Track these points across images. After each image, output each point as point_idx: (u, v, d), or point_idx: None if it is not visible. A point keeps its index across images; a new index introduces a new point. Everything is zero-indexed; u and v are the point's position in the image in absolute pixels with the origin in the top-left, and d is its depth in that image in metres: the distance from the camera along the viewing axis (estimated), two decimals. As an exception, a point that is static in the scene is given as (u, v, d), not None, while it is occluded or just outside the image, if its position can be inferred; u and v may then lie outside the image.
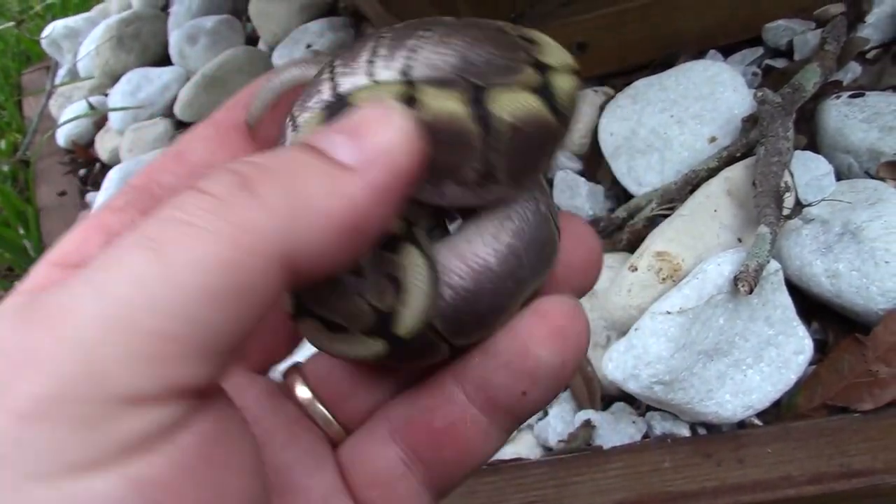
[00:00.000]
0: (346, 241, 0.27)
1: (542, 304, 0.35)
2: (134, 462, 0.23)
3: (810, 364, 0.89)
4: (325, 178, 0.27)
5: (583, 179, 1.15)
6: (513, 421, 0.37)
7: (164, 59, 2.09)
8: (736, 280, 0.82)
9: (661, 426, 0.91)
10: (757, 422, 0.89)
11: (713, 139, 1.06)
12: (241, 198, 0.25)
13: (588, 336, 0.35)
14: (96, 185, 1.88)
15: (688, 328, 0.84)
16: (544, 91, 0.31)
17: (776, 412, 0.89)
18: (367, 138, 0.28)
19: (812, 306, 0.92)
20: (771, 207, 0.89)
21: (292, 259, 0.26)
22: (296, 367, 0.41)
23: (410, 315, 0.33)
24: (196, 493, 0.25)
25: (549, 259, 0.36)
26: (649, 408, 0.93)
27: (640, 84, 1.16)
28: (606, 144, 1.14)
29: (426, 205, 0.34)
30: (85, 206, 1.84)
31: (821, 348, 0.91)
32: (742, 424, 0.89)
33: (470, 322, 0.35)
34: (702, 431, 0.90)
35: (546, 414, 0.98)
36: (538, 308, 0.35)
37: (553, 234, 0.36)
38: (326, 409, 0.40)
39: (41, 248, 1.81)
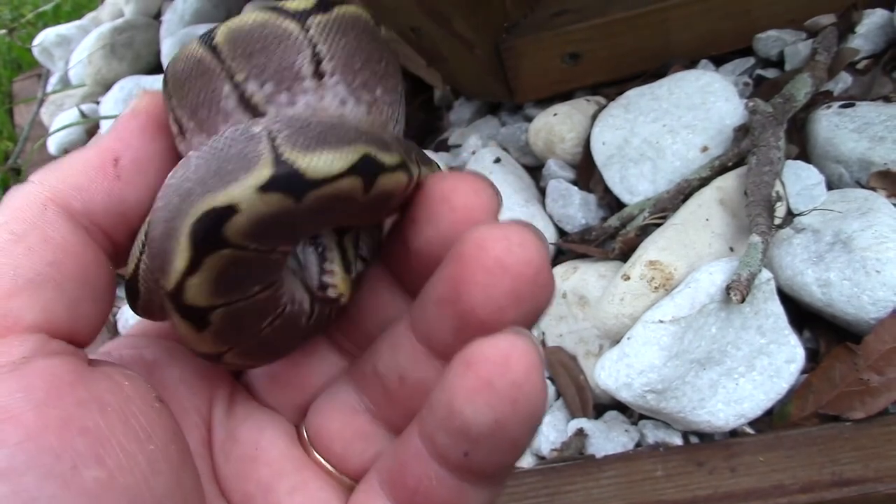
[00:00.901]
0: None
1: (472, 349, 0.30)
2: None
3: (802, 373, 0.89)
4: None
5: (575, 188, 1.15)
6: (478, 479, 0.33)
7: (156, 68, 2.09)
8: (728, 289, 0.83)
9: (653, 435, 0.91)
10: (749, 430, 0.89)
11: (705, 149, 1.07)
12: None
13: (539, 385, 0.30)
14: (88, 194, 1.88)
15: (680, 337, 0.85)
16: None
17: (768, 421, 0.89)
18: None
19: (803, 315, 0.93)
20: (763, 216, 0.89)
21: None
22: (305, 416, 0.41)
23: None
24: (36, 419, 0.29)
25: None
26: (642, 416, 0.93)
27: (633, 93, 1.17)
28: (599, 153, 1.14)
29: None
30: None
31: (812, 357, 0.91)
32: (734, 433, 0.89)
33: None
34: (694, 440, 0.91)
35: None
36: (465, 356, 0.30)
37: None
38: (329, 460, 0.40)
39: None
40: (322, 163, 0.32)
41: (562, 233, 1.15)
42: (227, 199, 0.31)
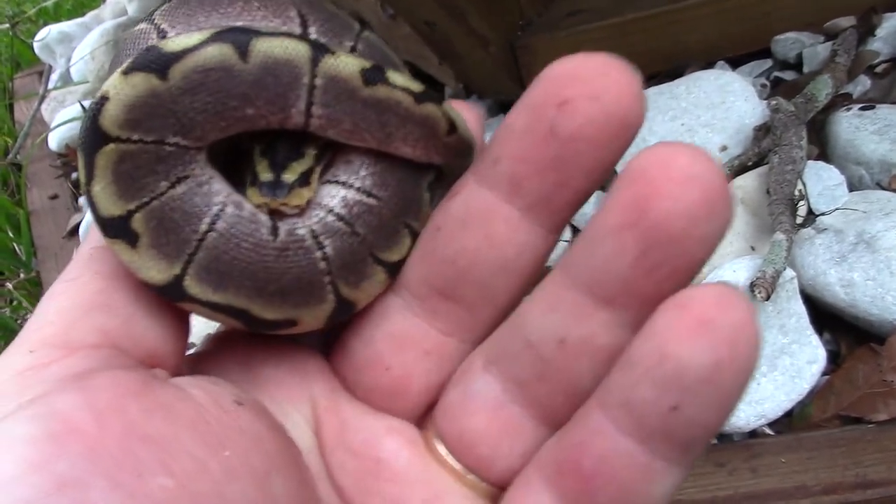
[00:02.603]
0: None
1: (684, 293, 0.28)
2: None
3: (822, 374, 0.88)
4: None
5: (592, 187, 1.14)
6: (675, 448, 0.29)
7: (160, 65, 2.07)
8: (752, 286, 0.81)
9: (672, 435, 0.90)
10: (768, 431, 0.88)
11: (724, 148, 1.06)
12: None
13: (756, 333, 0.28)
14: (89, 189, 1.86)
15: (703, 334, 0.83)
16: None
17: (787, 422, 0.88)
18: None
19: (823, 316, 0.92)
20: (786, 215, 0.88)
21: None
22: (430, 419, 0.38)
23: None
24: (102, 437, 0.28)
25: None
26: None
27: (651, 92, 1.16)
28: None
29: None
30: (77, 209, 1.82)
31: (832, 359, 0.90)
32: (754, 434, 0.88)
33: None
34: (713, 440, 0.89)
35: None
36: (678, 300, 0.28)
37: None
38: (471, 465, 0.36)
39: (32, 251, 1.78)
40: (182, 37, 0.33)
41: (577, 231, 1.14)
42: (100, 91, 0.32)
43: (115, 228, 0.33)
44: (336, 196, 0.37)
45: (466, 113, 0.38)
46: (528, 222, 0.34)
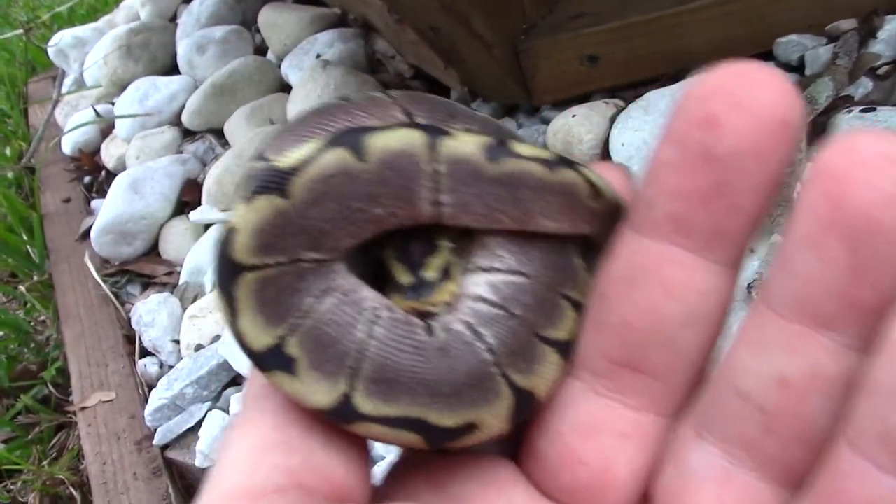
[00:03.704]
0: None
1: None
2: None
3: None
4: None
5: (593, 190, 1.15)
6: None
7: (171, 70, 2.10)
8: (750, 288, 0.82)
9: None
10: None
11: (725, 150, 1.06)
12: None
13: None
14: (101, 193, 1.89)
15: (700, 335, 0.84)
16: None
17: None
18: None
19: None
20: (784, 217, 0.89)
21: None
22: None
23: None
24: None
25: None
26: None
27: (653, 95, 1.16)
28: (618, 155, 1.14)
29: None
30: (90, 212, 1.84)
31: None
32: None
33: None
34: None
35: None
36: None
37: None
38: None
39: (45, 254, 1.80)
40: (294, 150, 0.31)
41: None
42: (227, 224, 0.31)
43: (270, 360, 0.32)
44: (481, 283, 0.34)
45: (609, 172, 0.35)
46: (705, 262, 0.30)
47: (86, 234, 1.73)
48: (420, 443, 0.33)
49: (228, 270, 0.31)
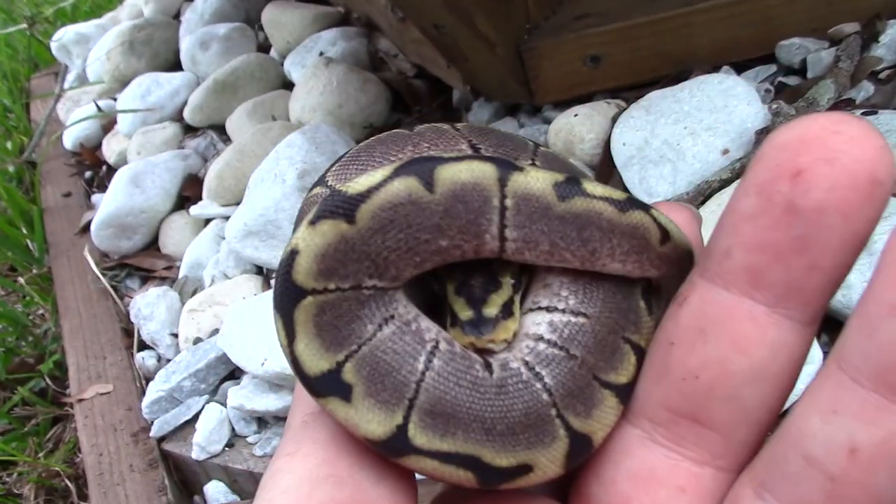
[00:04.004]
0: None
1: None
2: None
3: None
4: None
5: (594, 189, 1.15)
6: None
7: (174, 66, 2.10)
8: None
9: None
10: (765, 432, 0.88)
11: (726, 151, 1.06)
12: None
13: None
14: (102, 187, 1.89)
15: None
16: None
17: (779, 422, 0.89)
18: None
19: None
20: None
21: None
22: None
23: None
24: None
25: None
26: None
27: (654, 95, 1.17)
28: (619, 154, 1.14)
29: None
30: (90, 207, 1.84)
31: (830, 361, 0.90)
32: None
33: None
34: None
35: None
36: None
37: None
38: None
39: (44, 248, 1.80)
40: (364, 177, 0.31)
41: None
42: (289, 247, 0.31)
43: (326, 385, 0.31)
44: (541, 322, 0.34)
45: (677, 215, 0.34)
46: (779, 317, 0.29)
47: (86, 228, 1.73)
48: (472, 481, 0.32)
49: (289, 293, 0.31)
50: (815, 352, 0.87)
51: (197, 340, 1.27)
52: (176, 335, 1.34)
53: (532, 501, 0.34)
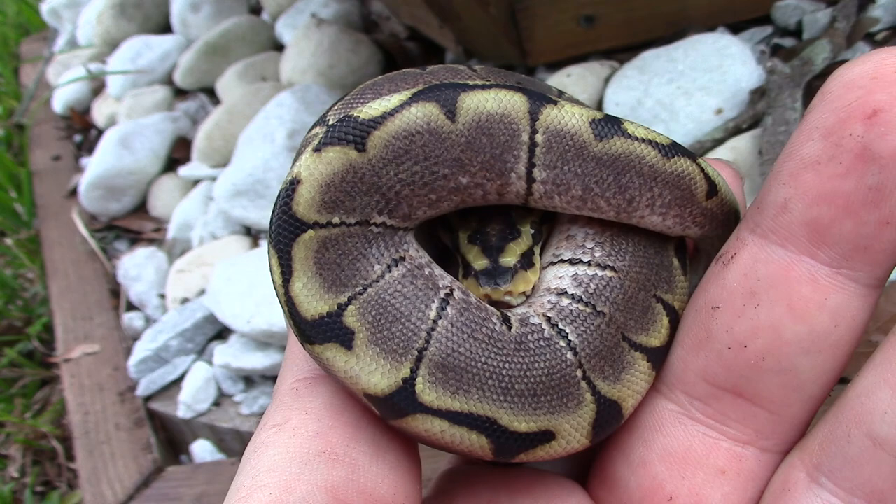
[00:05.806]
0: None
1: None
2: None
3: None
4: None
5: (586, 150, 1.14)
6: None
7: (165, 29, 2.08)
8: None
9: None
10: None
11: (720, 111, 1.05)
12: None
13: None
14: (91, 151, 1.87)
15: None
16: None
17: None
18: None
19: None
20: None
21: None
22: None
23: None
24: None
25: None
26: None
27: (648, 55, 1.15)
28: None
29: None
30: (79, 170, 1.82)
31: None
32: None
33: None
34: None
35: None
36: None
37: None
38: None
39: (33, 210, 1.79)
40: (379, 100, 0.28)
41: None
42: (289, 176, 0.28)
43: (324, 330, 0.28)
44: (564, 276, 0.31)
45: (722, 169, 0.31)
46: (842, 279, 0.27)
47: (74, 191, 1.72)
48: (485, 449, 0.29)
49: (287, 226, 0.28)
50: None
51: (184, 301, 1.26)
52: (163, 296, 1.33)
53: (549, 482, 0.31)
